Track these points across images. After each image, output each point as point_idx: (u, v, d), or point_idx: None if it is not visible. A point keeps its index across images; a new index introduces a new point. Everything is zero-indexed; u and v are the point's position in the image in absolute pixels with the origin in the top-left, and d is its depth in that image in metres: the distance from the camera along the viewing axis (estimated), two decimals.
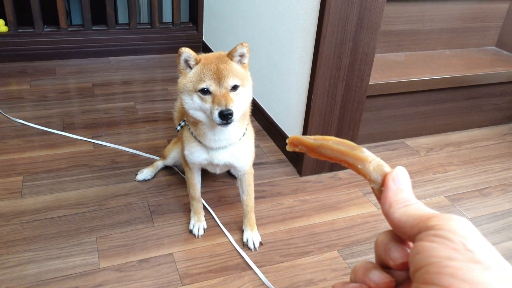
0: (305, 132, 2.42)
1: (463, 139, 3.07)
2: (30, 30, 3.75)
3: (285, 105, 2.67)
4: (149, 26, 4.09)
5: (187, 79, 1.55)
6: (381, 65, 2.83)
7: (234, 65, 1.56)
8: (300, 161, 2.49)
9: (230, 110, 1.47)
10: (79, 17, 4.07)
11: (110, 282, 1.76)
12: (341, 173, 2.58)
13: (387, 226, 0.50)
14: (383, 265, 0.46)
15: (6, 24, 3.68)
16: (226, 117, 1.47)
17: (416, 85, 2.77)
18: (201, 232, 2.01)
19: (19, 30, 3.73)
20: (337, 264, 1.94)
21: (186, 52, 1.53)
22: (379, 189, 0.51)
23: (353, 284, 0.45)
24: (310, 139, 0.61)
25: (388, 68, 2.85)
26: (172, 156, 2.31)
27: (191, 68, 1.56)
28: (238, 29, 3.34)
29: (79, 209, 2.12)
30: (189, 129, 1.74)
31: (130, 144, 2.67)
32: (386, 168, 0.52)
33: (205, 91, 1.52)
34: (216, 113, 1.48)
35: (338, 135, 2.47)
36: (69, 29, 3.85)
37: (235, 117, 1.51)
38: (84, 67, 3.78)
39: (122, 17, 4.37)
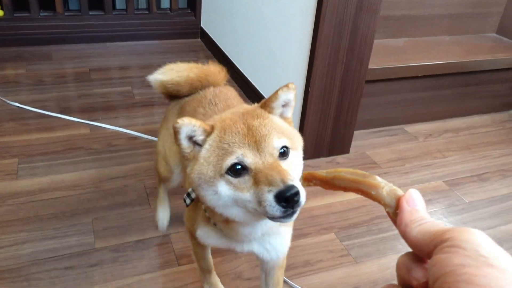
0: (303, 117, 2.40)
1: (462, 125, 3.05)
2: (26, 14, 3.71)
3: None
4: (146, 12, 4.05)
5: (201, 162, 0.97)
6: (380, 50, 2.81)
7: (275, 119, 1.03)
8: None
9: (295, 187, 0.87)
10: (76, 2, 4.03)
11: (106, 262, 1.75)
12: (339, 158, 2.56)
13: (384, 210, 0.50)
14: (406, 287, 0.47)
15: (1, 8, 3.64)
16: (291, 201, 0.87)
17: (415, 70, 2.75)
18: None
19: (15, 15, 3.68)
20: (334, 245, 1.94)
21: (186, 124, 0.96)
22: (394, 212, 0.53)
23: None
24: (323, 172, 0.65)
25: (388, 54, 2.83)
26: (173, 176, 1.73)
27: (201, 145, 0.99)
28: (237, 15, 3.31)
29: (75, 191, 2.11)
30: (205, 210, 1.21)
31: (127, 128, 2.65)
32: (399, 192, 0.55)
33: (238, 170, 0.93)
34: (270, 198, 0.88)
35: (336, 119, 2.45)
36: (66, 14, 3.81)
37: (302, 198, 0.89)
38: (81, 52, 3.75)
39: (120, 3, 4.33)
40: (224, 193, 0.95)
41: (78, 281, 1.65)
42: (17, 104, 2.82)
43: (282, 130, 1.00)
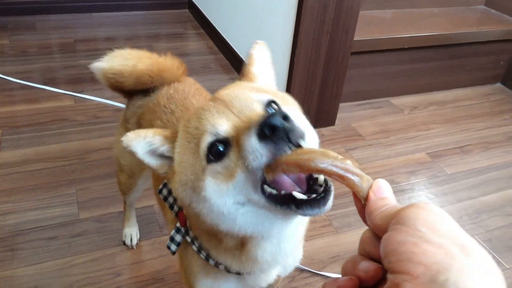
0: (288, 89, 2.40)
1: (447, 98, 3.07)
2: None
3: None
4: None
5: (178, 171, 0.76)
6: (367, 21, 2.79)
7: (254, 84, 0.85)
8: None
9: (281, 111, 0.64)
10: None
11: (90, 232, 1.77)
12: (324, 130, 2.58)
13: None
14: (370, 258, 0.48)
15: None
16: (284, 133, 0.61)
17: (401, 42, 2.74)
18: None
19: None
20: (316, 216, 1.97)
21: (133, 139, 0.77)
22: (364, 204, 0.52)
23: (342, 278, 0.47)
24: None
25: (374, 25, 2.81)
26: (135, 188, 1.55)
27: (171, 157, 0.79)
28: None
29: (59, 162, 2.11)
30: (199, 251, 0.93)
31: (113, 99, 2.63)
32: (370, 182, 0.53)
33: (220, 152, 0.69)
34: (252, 141, 0.63)
35: (322, 91, 2.46)
36: None
37: (299, 130, 0.64)
38: (66, 23, 3.68)
39: None
40: (214, 192, 0.69)
41: (61, 251, 1.67)
42: (0, 75, 2.79)
43: (264, 89, 0.80)
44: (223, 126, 0.69)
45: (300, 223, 0.88)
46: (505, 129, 2.78)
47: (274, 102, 0.73)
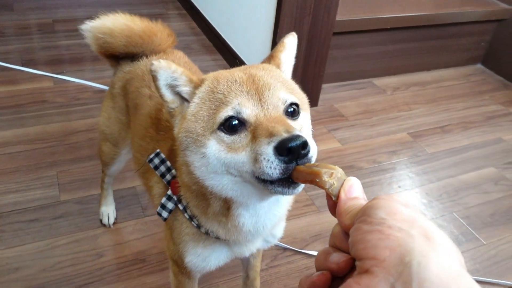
0: None
1: (429, 79, 3.09)
2: None
3: (251, 41, 2.62)
4: None
5: (189, 118, 0.81)
6: (349, 2, 2.77)
7: (283, 74, 0.91)
8: None
9: (302, 136, 0.68)
10: None
11: (71, 214, 1.76)
12: None
13: (349, 160, 0.51)
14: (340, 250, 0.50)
15: None
16: (294, 152, 0.67)
17: (384, 22, 2.74)
18: None
19: None
20: (299, 196, 1.98)
21: (164, 68, 0.81)
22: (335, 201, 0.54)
23: (315, 274, 0.49)
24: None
25: (357, 5, 2.80)
26: (118, 158, 1.54)
27: (188, 101, 0.84)
28: None
29: (38, 145, 2.08)
30: (191, 218, 0.98)
31: (94, 81, 2.59)
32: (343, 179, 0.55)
33: (233, 126, 0.76)
34: (269, 150, 0.69)
35: (304, 71, 2.45)
36: None
37: (312, 151, 0.71)
38: (44, 3, 3.59)
39: None
40: (213, 155, 0.76)
41: (42, 233, 1.66)
42: None
43: (292, 87, 0.85)
44: (248, 110, 0.75)
45: (280, 203, 0.94)
46: (484, 109, 2.82)
47: (296, 105, 0.80)
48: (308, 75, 2.48)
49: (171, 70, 0.81)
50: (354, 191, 0.52)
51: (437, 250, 0.39)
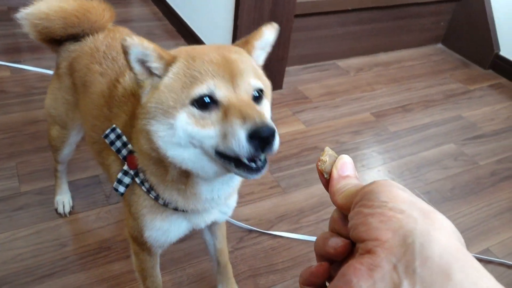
0: None
1: (391, 59, 3.14)
2: None
3: (213, 24, 2.59)
4: None
5: (162, 90, 0.85)
6: None
7: (253, 60, 0.93)
8: None
9: (273, 127, 0.77)
10: None
11: (32, 205, 1.72)
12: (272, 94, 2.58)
13: (313, 142, 0.51)
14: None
15: None
16: (265, 142, 0.76)
17: (345, 3, 2.76)
18: None
19: None
20: (265, 178, 2.00)
21: (135, 45, 0.83)
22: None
23: (314, 266, 0.50)
24: None
25: None
26: (68, 141, 1.53)
27: (159, 75, 0.87)
28: None
29: None
30: (148, 191, 1.01)
31: (53, 69, 2.52)
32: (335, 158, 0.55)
33: (205, 104, 0.81)
34: (242, 134, 0.76)
35: (268, 54, 2.44)
36: None
37: (277, 143, 0.79)
38: None
39: None
40: (181, 126, 0.82)
41: (2, 225, 1.62)
42: None
43: (259, 73, 0.91)
44: (221, 92, 0.81)
45: (234, 177, 1.00)
46: (444, 87, 2.89)
47: (261, 90, 0.87)
48: (272, 58, 2.46)
49: (143, 46, 0.84)
50: (346, 169, 0.53)
51: (438, 230, 0.40)
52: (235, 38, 2.32)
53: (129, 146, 1.02)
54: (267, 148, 0.76)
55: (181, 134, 0.83)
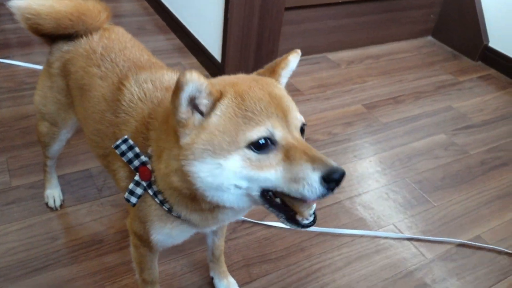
0: (224, 47, 2.37)
1: (382, 52, 3.16)
2: None
3: (203, 18, 2.59)
4: None
5: (212, 131, 0.81)
6: None
7: (287, 96, 0.92)
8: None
9: (342, 169, 0.79)
10: None
11: (24, 199, 1.71)
12: None
13: (305, 133, 0.50)
14: None
15: None
16: (338, 183, 0.79)
17: None
18: None
19: None
20: None
21: (194, 81, 0.77)
22: None
23: None
24: None
25: None
26: (58, 138, 1.51)
27: (202, 113, 0.83)
28: None
29: None
30: (162, 203, 0.99)
31: (42, 64, 2.50)
32: None
33: (262, 145, 0.80)
34: (315, 177, 0.78)
35: (258, 48, 2.45)
36: None
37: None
38: None
39: None
40: (233, 169, 0.79)
41: None
42: None
43: (295, 105, 0.89)
44: (279, 133, 0.80)
45: None
46: (434, 79, 2.91)
47: (304, 124, 0.89)
48: (262, 51, 2.48)
49: (199, 83, 0.78)
50: None
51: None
52: (225, 32, 2.32)
53: (142, 157, 0.98)
54: (336, 187, 0.78)
55: (230, 176, 0.80)
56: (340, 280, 1.58)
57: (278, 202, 0.85)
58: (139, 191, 0.99)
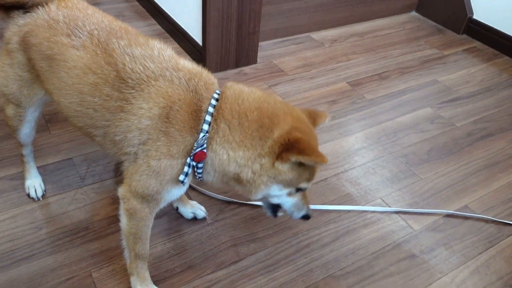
0: (204, 30, 2.34)
1: (366, 29, 3.13)
2: None
3: (183, 3, 2.55)
4: None
5: (286, 172, 1.13)
6: None
7: None
8: (204, 59, 2.44)
9: (310, 215, 1.34)
10: None
11: (6, 190, 1.69)
12: (246, 69, 2.56)
13: None
14: None
15: None
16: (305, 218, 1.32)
17: None
18: None
19: None
20: None
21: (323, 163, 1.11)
22: None
23: None
24: None
25: None
26: (26, 118, 1.50)
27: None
28: None
29: None
30: (186, 174, 1.14)
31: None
32: None
33: (300, 188, 1.23)
34: (303, 212, 1.29)
35: (239, 30, 2.42)
36: None
37: None
38: None
39: None
40: (281, 194, 1.21)
41: None
42: None
43: None
44: (308, 186, 1.24)
45: None
46: (419, 54, 2.90)
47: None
48: (243, 32, 2.45)
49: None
50: None
51: None
52: (204, 15, 2.28)
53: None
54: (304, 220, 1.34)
55: (277, 194, 1.20)
56: (328, 255, 1.58)
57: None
58: (189, 170, 1.13)
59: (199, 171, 1.17)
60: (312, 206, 1.74)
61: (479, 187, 1.92)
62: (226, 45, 2.43)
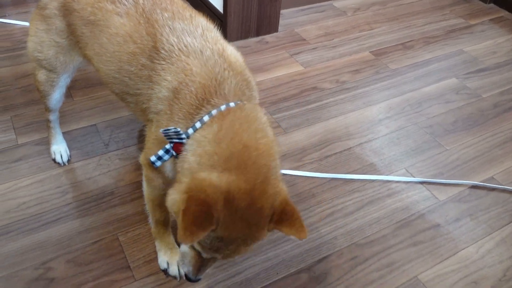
0: None
1: None
2: None
3: None
4: None
5: None
6: None
7: None
8: (224, 27, 2.40)
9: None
10: None
11: (31, 156, 1.70)
12: (268, 37, 2.52)
13: (313, 82, 0.47)
14: None
15: None
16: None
17: None
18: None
19: None
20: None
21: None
22: None
23: None
24: None
25: None
26: (58, 84, 1.49)
27: None
28: None
29: None
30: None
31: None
32: None
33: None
34: (185, 268, 1.14)
35: None
36: None
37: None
38: None
39: None
40: None
41: (2, 176, 1.61)
42: None
43: None
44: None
45: None
46: (444, 23, 2.81)
47: None
48: (265, 0, 2.39)
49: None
50: None
51: None
52: None
53: (183, 135, 1.02)
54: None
55: None
56: (352, 224, 1.57)
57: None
58: (166, 157, 1.07)
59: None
60: (336, 175, 1.74)
61: (505, 158, 1.89)
62: (247, 12, 2.38)
